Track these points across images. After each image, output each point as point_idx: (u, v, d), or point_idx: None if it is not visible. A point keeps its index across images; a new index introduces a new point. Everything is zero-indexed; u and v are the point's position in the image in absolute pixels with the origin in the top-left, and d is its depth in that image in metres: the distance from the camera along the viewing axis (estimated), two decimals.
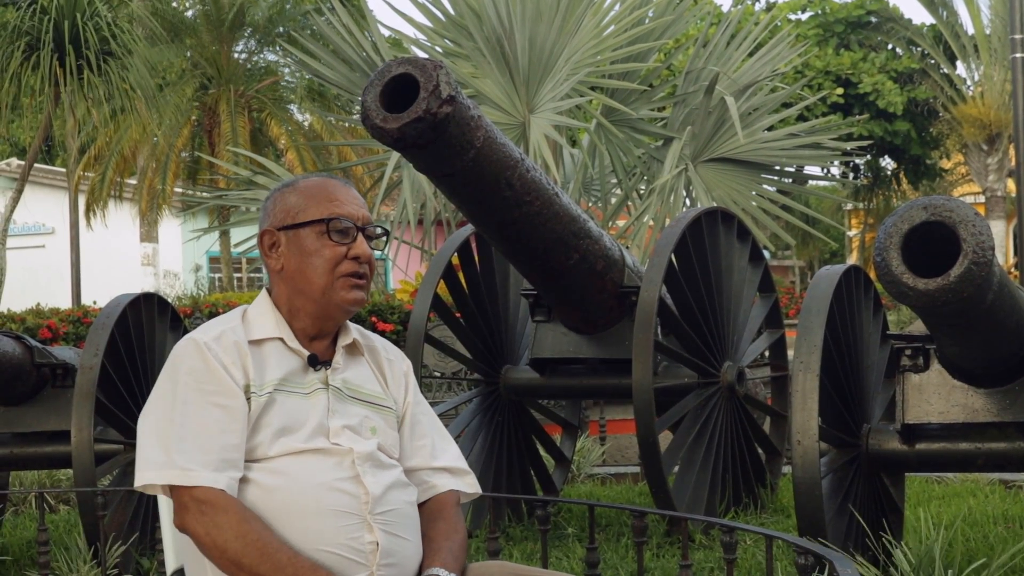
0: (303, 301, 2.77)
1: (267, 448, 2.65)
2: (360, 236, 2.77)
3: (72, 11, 19.52)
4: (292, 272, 2.77)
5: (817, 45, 31.34)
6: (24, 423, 6.27)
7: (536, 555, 5.94)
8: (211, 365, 2.65)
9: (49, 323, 15.58)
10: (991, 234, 4.05)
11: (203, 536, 2.56)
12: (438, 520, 2.80)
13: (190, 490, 2.56)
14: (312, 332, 2.78)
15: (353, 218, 2.77)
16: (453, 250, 6.64)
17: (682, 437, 6.34)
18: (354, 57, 11.64)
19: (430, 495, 2.87)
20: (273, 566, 2.52)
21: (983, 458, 5.02)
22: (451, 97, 4.60)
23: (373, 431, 2.77)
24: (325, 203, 2.77)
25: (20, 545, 6.61)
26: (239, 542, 2.53)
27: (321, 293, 2.75)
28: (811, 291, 4.98)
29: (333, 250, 2.75)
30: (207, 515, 2.55)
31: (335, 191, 2.80)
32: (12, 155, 34.06)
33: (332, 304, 2.76)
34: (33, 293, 24.80)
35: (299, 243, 2.77)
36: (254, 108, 26.70)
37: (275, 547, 2.54)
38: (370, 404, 2.80)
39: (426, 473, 2.88)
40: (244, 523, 2.55)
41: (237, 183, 13.28)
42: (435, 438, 2.93)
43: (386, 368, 2.90)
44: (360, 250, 2.76)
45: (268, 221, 2.81)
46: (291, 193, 2.81)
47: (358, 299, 2.77)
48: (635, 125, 11.49)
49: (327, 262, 2.75)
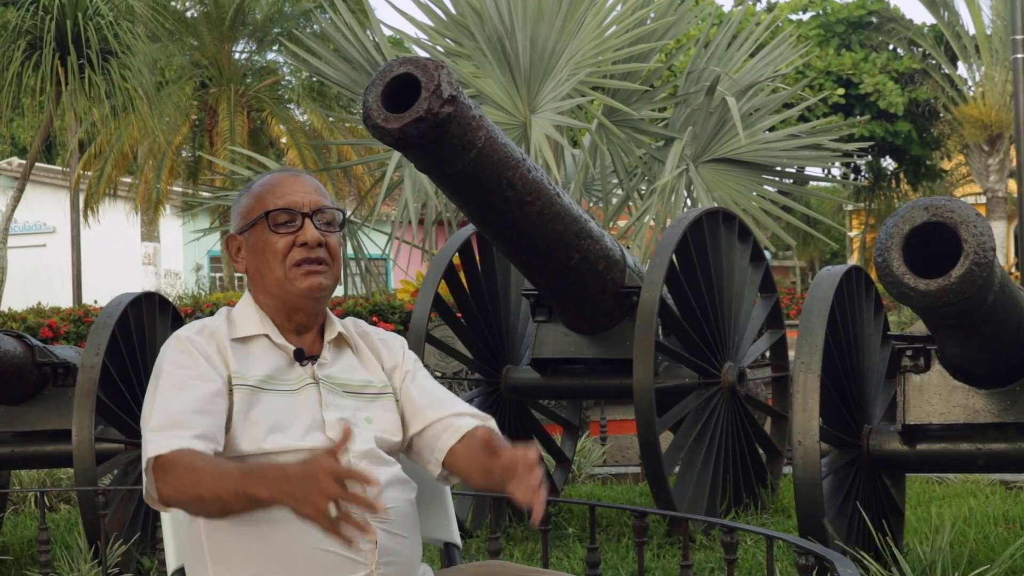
0: (269, 298, 2.78)
1: (261, 441, 2.64)
2: (307, 222, 2.75)
3: (73, 10, 19.52)
4: (253, 272, 2.80)
5: (818, 46, 31.34)
6: (25, 422, 6.28)
7: (537, 555, 5.94)
8: (192, 354, 2.67)
9: (50, 322, 15.58)
10: (992, 235, 4.06)
11: (168, 495, 2.52)
12: (485, 448, 2.67)
13: (152, 463, 2.55)
14: (290, 327, 2.79)
15: (296, 206, 2.76)
16: (454, 250, 6.64)
17: (683, 437, 6.34)
18: (356, 56, 11.64)
19: (461, 433, 2.80)
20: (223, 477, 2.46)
21: (984, 459, 5.02)
22: (452, 97, 4.60)
23: (368, 421, 2.77)
24: (268, 197, 2.78)
25: (21, 544, 6.62)
26: (189, 475, 2.49)
27: (279, 287, 2.75)
28: (812, 292, 4.98)
29: (280, 241, 2.75)
30: (163, 476, 2.52)
31: (279, 184, 2.80)
32: (13, 154, 34.04)
33: (292, 295, 2.75)
34: (34, 292, 24.80)
35: (253, 242, 2.78)
36: (254, 108, 26.71)
37: (223, 464, 2.51)
38: (361, 395, 2.79)
39: (450, 419, 2.82)
40: (191, 460, 2.51)
41: (236, 182, 13.27)
42: (448, 396, 2.90)
43: (380, 348, 2.89)
44: (307, 236, 2.74)
45: (232, 227, 2.85)
46: (244, 195, 2.83)
47: (315, 284, 2.74)
48: (636, 125, 11.48)
49: (276, 254, 2.74)
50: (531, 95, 11.06)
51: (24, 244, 31.11)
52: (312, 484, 2.31)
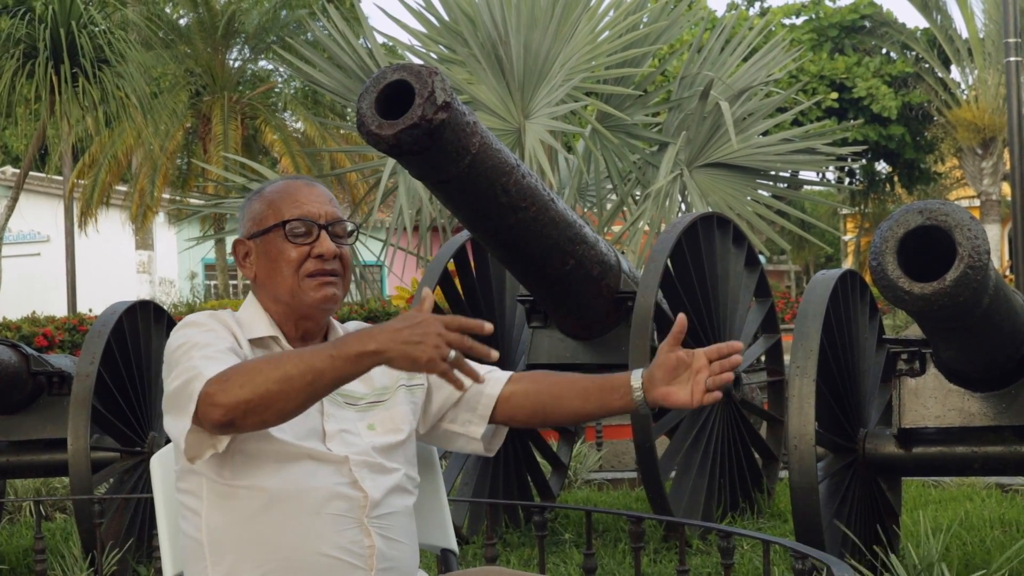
0: (279, 306, 2.78)
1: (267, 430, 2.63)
2: (323, 234, 2.76)
3: (67, 19, 19.51)
4: (263, 279, 2.79)
5: (811, 50, 31.40)
6: (20, 431, 6.27)
7: (533, 561, 5.94)
8: (213, 326, 2.68)
9: (45, 331, 15.57)
10: (987, 238, 4.06)
11: (234, 403, 2.44)
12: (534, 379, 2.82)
13: (203, 389, 2.48)
14: (296, 334, 2.79)
15: (313, 217, 2.76)
16: (449, 256, 6.63)
17: (679, 442, 6.34)
18: (349, 63, 11.64)
19: (504, 379, 2.87)
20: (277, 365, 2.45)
21: (980, 462, 5.02)
22: (446, 103, 4.60)
23: (371, 427, 2.77)
24: (284, 206, 2.77)
25: (16, 553, 6.60)
26: (254, 374, 2.45)
27: (291, 296, 2.76)
28: (807, 296, 4.98)
29: (295, 251, 2.75)
30: (221, 389, 2.46)
31: (295, 193, 2.80)
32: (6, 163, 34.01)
33: (304, 305, 2.76)
34: (29, 301, 24.80)
35: (265, 249, 2.78)
36: (248, 115, 26.71)
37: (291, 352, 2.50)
38: (361, 404, 2.79)
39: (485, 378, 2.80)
40: (249, 365, 2.48)
41: (230, 190, 13.27)
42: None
43: None
44: (323, 248, 2.75)
45: (240, 231, 2.84)
46: (256, 201, 2.83)
47: (328, 296, 2.76)
48: (630, 130, 11.49)
49: (290, 264, 2.75)
50: (525, 101, 11.06)
51: (18, 253, 31.09)
52: (429, 328, 2.34)
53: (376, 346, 2.40)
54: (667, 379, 2.67)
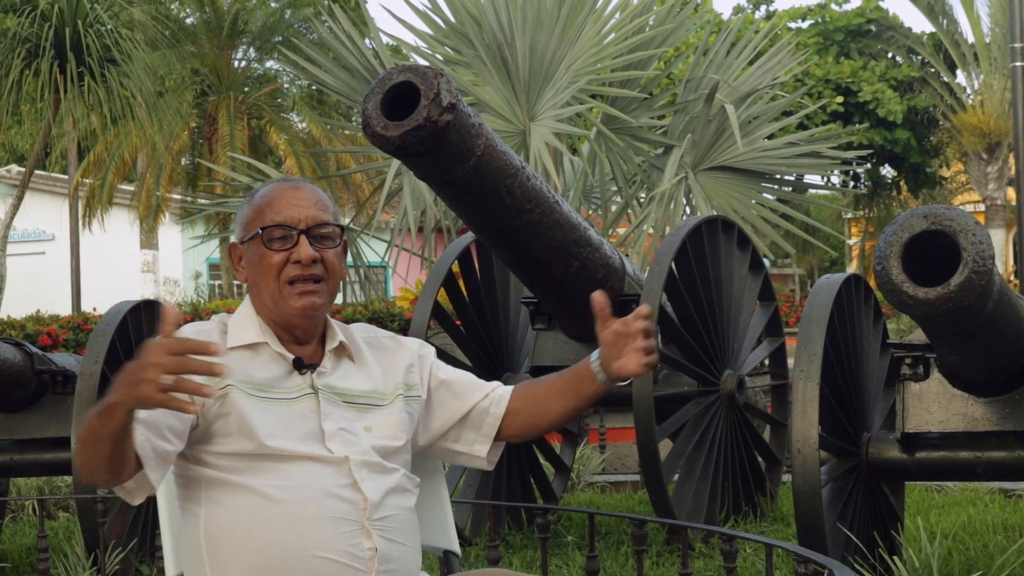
0: (266, 311, 2.77)
1: (263, 439, 2.63)
2: (302, 239, 2.72)
3: (73, 18, 19.51)
4: (251, 284, 2.79)
5: (817, 53, 31.40)
6: (24, 430, 6.27)
7: (536, 563, 5.94)
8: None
9: (49, 330, 15.57)
10: (991, 243, 4.06)
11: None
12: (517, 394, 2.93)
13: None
14: (289, 338, 2.78)
15: (292, 222, 2.73)
16: (453, 258, 6.63)
17: (682, 445, 6.34)
18: (355, 64, 11.64)
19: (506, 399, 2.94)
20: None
21: (983, 467, 5.02)
22: (452, 105, 4.60)
23: (368, 429, 2.76)
24: (266, 212, 2.75)
25: (19, 552, 6.61)
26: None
27: (274, 302, 2.74)
28: (811, 300, 4.98)
29: (275, 257, 2.73)
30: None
31: (278, 198, 2.77)
32: (11, 162, 34.05)
33: (286, 312, 2.74)
34: (33, 300, 24.79)
35: (251, 255, 2.77)
36: (253, 115, 26.73)
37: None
38: (360, 404, 2.78)
39: (490, 395, 2.94)
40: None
41: (236, 189, 13.27)
42: (476, 379, 2.98)
43: (394, 349, 2.89)
44: (300, 253, 2.72)
45: (234, 234, 2.84)
46: (246, 205, 2.82)
47: (308, 304, 2.72)
48: (635, 133, 11.48)
49: (270, 270, 2.73)
50: (530, 103, 11.07)
51: (23, 252, 31.11)
52: (145, 361, 2.28)
53: (112, 398, 2.36)
54: (615, 355, 2.77)
